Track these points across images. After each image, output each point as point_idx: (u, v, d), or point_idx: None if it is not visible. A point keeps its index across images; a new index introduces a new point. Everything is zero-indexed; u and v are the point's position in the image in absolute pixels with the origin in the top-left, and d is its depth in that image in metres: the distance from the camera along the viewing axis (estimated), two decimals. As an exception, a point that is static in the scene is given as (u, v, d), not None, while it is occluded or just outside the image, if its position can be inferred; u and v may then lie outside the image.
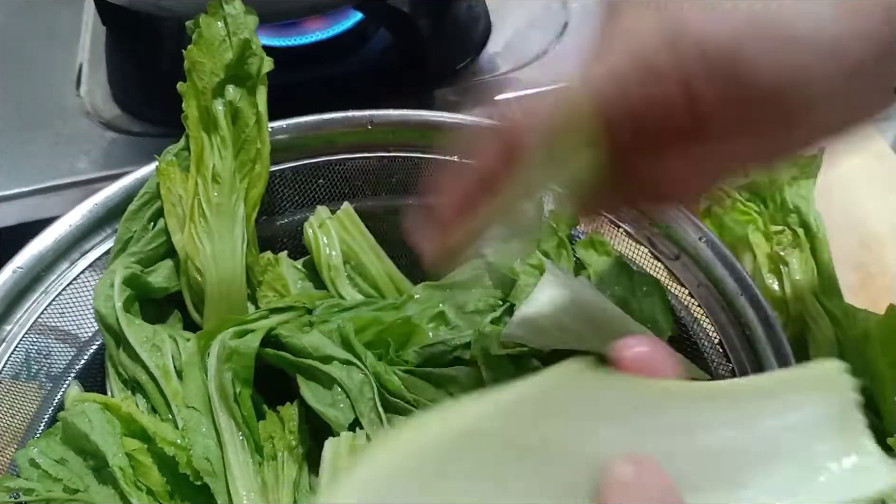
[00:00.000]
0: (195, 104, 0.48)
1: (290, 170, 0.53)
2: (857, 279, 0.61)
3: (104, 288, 0.45)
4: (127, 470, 0.39)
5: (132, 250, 0.47)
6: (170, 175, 0.48)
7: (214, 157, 0.48)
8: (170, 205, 0.48)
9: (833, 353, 0.48)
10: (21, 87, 0.73)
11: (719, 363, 0.45)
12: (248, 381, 0.41)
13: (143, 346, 0.43)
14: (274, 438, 0.41)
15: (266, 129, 0.49)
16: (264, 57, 0.49)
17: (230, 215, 0.47)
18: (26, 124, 0.69)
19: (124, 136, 0.69)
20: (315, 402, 0.41)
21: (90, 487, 0.40)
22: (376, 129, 0.52)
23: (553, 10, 0.78)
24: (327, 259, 0.50)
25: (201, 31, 0.48)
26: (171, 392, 0.42)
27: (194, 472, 0.39)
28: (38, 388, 0.46)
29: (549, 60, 0.73)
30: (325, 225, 0.51)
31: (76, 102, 0.71)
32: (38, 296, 0.46)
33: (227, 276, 0.47)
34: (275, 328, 0.43)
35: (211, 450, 0.39)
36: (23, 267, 0.46)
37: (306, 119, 0.52)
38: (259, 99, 0.49)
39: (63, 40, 0.78)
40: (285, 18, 0.65)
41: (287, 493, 0.39)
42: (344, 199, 0.53)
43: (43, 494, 0.39)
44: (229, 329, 0.43)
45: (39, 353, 0.46)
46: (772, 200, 0.56)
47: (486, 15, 0.77)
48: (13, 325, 0.45)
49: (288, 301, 0.46)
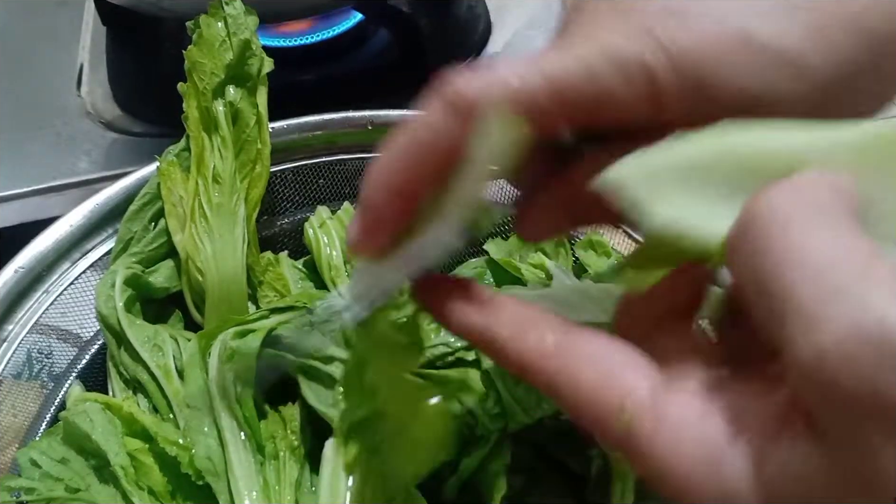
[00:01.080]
0: (196, 104, 0.48)
1: (291, 170, 0.53)
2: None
3: (105, 288, 0.45)
4: (128, 470, 0.39)
5: (133, 250, 0.48)
6: (170, 175, 0.48)
7: (215, 157, 0.48)
8: (170, 205, 0.48)
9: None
10: (21, 87, 0.73)
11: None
12: (250, 382, 0.42)
13: (144, 346, 0.43)
14: (276, 438, 0.41)
15: (266, 130, 0.49)
16: (264, 57, 0.49)
17: (231, 216, 0.47)
18: (26, 124, 0.69)
19: (125, 137, 0.69)
20: (316, 402, 0.41)
21: (91, 487, 0.40)
22: (376, 129, 0.52)
23: (553, 10, 0.78)
24: (328, 259, 0.50)
25: (202, 32, 0.48)
26: (173, 392, 0.42)
27: (196, 471, 0.39)
28: (40, 388, 0.46)
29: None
30: (325, 225, 0.51)
31: (77, 102, 0.72)
32: (40, 296, 0.47)
33: (228, 276, 0.47)
34: (275, 328, 0.44)
35: (213, 450, 0.40)
36: (24, 267, 0.46)
37: (306, 119, 0.52)
38: (259, 99, 0.49)
39: (63, 40, 0.78)
40: (285, 19, 0.65)
41: (289, 492, 0.39)
42: (344, 199, 0.53)
43: (44, 494, 0.39)
44: (230, 329, 0.43)
45: (41, 352, 0.46)
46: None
47: (486, 15, 0.77)
48: (15, 325, 0.45)
49: (288, 301, 0.47)
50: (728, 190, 0.22)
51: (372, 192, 0.27)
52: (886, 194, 0.21)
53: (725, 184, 0.22)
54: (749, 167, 0.22)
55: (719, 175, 0.22)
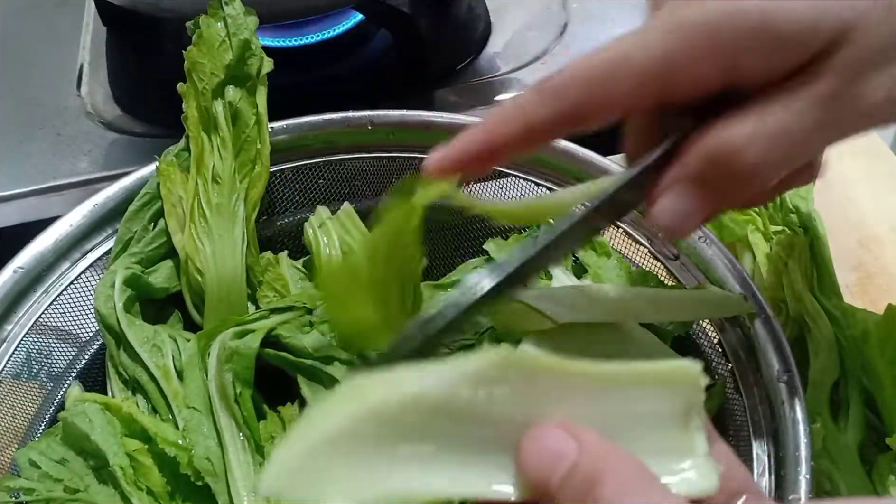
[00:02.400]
0: (195, 105, 0.48)
1: (291, 170, 0.53)
2: (855, 279, 0.61)
3: (105, 288, 0.45)
4: (127, 470, 0.39)
5: (133, 251, 0.47)
6: (170, 175, 0.48)
7: (214, 157, 0.48)
8: (170, 205, 0.48)
9: (832, 352, 0.48)
10: (21, 87, 0.73)
11: (719, 363, 0.45)
12: (249, 382, 0.41)
13: (143, 347, 0.43)
14: (275, 439, 0.41)
15: (266, 130, 0.49)
16: (264, 57, 0.49)
17: (230, 216, 0.47)
18: (26, 124, 0.69)
19: (125, 137, 0.69)
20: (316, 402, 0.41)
21: (90, 487, 0.40)
22: (376, 129, 0.52)
23: (553, 10, 0.78)
24: (328, 259, 0.50)
25: (201, 32, 0.48)
26: (172, 392, 0.42)
27: (195, 472, 0.39)
28: (39, 388, 0.46)
29: (549, 61, 0.73)
30: (325, 225, 0.51)
31: (77, 103, 0.72)
32: (39, 296, 0.47)
33: (228, 276, 0.47)
34: (275, 328, 0.44)
35: (212, 450, 0.40)
36: (23, 267, 0.46)
37: (306, 119, 0.52)
38: (259, 99, 0.49)
39: (63, 40, 0.78)
40: (285, 19, 0.65)
41: (287, 493, 0.39)
42: (344, 199, 0.53)
43: (43, 494, 0.39)
44: (229, 329, 0.43)
45: (40, 352, 0.46)
46: (771, 200, 0.56)
47: (486, 15, 0.77)
48: (14, 325, 0.45)
49: (288, 301, 0.47)
50: (374, 444, 0.22)
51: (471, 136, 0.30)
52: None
53: (371, 440, 0.22)
54: (386, 418, 0.23)
55: (362, 434, 0.22)
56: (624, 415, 0.25)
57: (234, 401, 0.41)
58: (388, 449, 0.23)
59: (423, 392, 0.23)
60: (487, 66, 0.73)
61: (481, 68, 0.73)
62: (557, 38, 0.75)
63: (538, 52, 0.74)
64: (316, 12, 0.66)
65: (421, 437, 0.23)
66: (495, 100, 0.70)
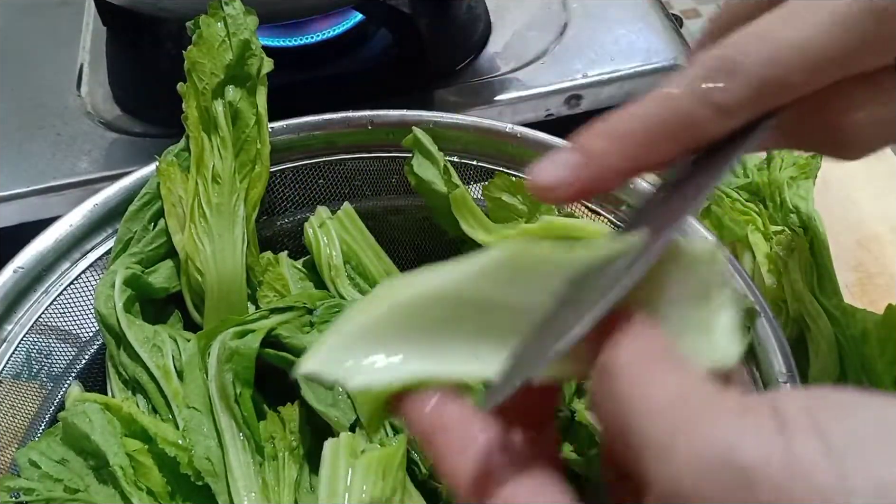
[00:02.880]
0: (195, 105, 0.48)
1: (291, 170, 0.53)
2: (855, 279, 0.61)
3: (105, 288, 0.45)
4: (127, 470, 0.39)
5: (133, 251, 0.48)
6: (170, 175, 0.48)
7: (214, 157, 0.48)
8: (170, 205, 0.48)
9: (832, 352, 0.48)
10: (21, 87, 0.73)
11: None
12: (249, 382, 0.42)
13: (143, 347, 0.43)
14: (275, 439, 0.41)
15: (266, 130, 0.49)
16: (264, 57, 0.49)
17: (230, 216, 0.47)
18: (26, 124, 0.69)
19: (125, 137, 0.69)
20: (316, 402, 0.41)
21: (90, 487, 0.40)
22: (376, 129, 0.52)
23: (553, 10, 0.78)
24: (328, 259, 0.50)
25: (201, 32, 0.48)
26: (172, 392, 0.42)
27: (195, 472, 0.39)
28: (39, 388, 0.46)
29: (549, 60, 0.73)
30: (325, 225, 0.51)
31: (77, 103, 0.71)
32: (39, 296, 0.47)
33: (228, 276, 0.47)
34: (275, 328, 0.44)
35: (212, 450, 0.40)
36: (23, 267, 0.46)
37: (306, 119, 0.52)
38: (259, 99, 0.49)
39: (63, 40, 0.78)
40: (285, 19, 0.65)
41: (288, 493, 0.39)
42: (344, 199, 0.53)
43: (43, 494, 0.39)
44: (229, 329, 0.43)
45: (40, 352, 0.46)
46: (771, 200, 0.56)
47: (486, 15, 0.77)
48: (14, 325, 0.45)
49: (288, 301, 0.47)
50: (401, 333, 0.25)
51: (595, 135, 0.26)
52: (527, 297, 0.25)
53: (399, 330, 0.25)
54: (411, 311, 0.25)
55: (391, 325, 0.25)
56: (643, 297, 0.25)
57: (235, 401, 0.41)
58: (415, 337, 0.25)
59: (445, 286, 0.25)
60: (487, 66, 0.73)
61: (481, 68, 0.73)
62: (557, 38, 0.75)
63: (538, 52, 0.74)
64: (316, 12, 0.66)
65: (444, 326, 0.25)
66: (495, 100, 0.70)
